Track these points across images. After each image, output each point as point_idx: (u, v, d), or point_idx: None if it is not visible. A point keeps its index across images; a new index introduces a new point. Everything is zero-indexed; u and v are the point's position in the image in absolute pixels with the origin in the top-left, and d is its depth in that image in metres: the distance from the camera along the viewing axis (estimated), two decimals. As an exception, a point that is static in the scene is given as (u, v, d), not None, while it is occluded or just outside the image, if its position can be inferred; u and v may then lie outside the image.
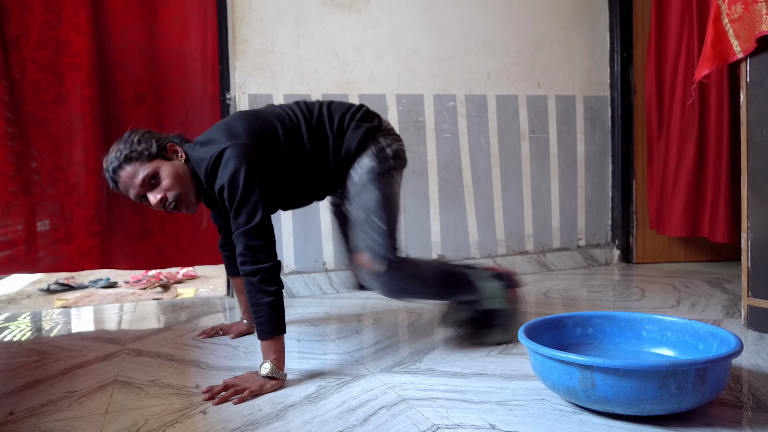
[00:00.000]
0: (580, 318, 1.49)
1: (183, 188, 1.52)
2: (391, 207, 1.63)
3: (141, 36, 2.67)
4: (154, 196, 1.48)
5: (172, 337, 1.97)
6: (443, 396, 1.34)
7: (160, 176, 1.49)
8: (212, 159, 1.48)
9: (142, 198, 1.52)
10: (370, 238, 1.58)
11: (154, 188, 1.49)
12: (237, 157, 1.45)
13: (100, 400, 1.38)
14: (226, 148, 1.47)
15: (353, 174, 1.66)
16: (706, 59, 1.81)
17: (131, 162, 1.49)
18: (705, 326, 1.33)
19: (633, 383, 1.09)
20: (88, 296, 3.11)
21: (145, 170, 1.48)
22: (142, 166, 1.49)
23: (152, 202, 1.49)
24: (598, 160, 3.30)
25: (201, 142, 1.59)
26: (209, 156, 1.49)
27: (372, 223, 1.59)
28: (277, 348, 1.45)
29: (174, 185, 1.49)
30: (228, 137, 1.50)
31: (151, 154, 1.50)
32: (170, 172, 1.50)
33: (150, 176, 1.48)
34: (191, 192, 1.54)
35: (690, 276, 2.83)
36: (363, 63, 2.78)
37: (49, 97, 2.50)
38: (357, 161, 1.66)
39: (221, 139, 1.51)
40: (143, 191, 1.50)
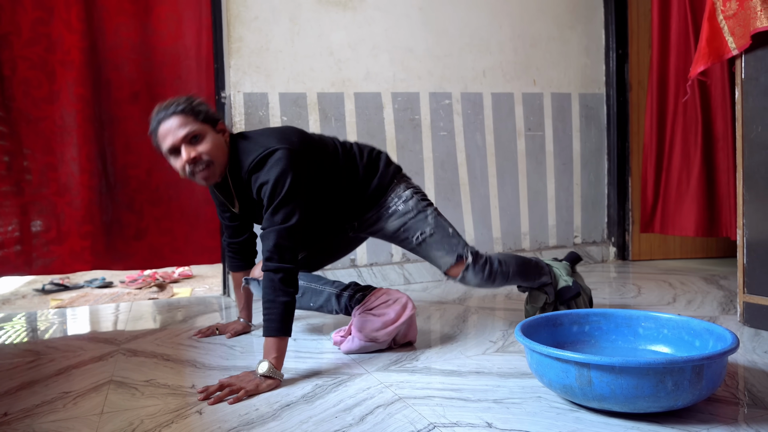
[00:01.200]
0: (576, 315, 1.49)
1: (217, 159, 1.56)
2: (444, 219, 1.81)
3: (135, 34, 2.65)
4: (189, 152, 1.52)
5: (167, 337, 1.96)
6: (440, 394, 1.34)
7: (203, 138, 1.54)
8: (262, 154, 1.53)
9: (172, 151, 1.54)
10: (446, 245, 1.75)
11: (191, 145, 1.53)
12: (288, 160, 1.52)
13: (95, 400, 1.38)
14: (279, 149, 1.53)
15: (395, 204, 1.78)
16: (701, 56, 1.81)
17: (184, 115, 1.54)
18: (701, 323, 1.33)
19: (630, 380, 1.08)
20: (84, 296, 3.10)
21: (192, 126, 1.53)
22: (191, 123, 1.53)
23: (184, 156, 1.52)
24: (594, 157, 3.30)
25: (249, 136, 1.65)
26: (260, 150, 1.54)
27: (439, 232, 1.76)
28: (279, 348, 1.46)
29: (211, 152, 1.54)
30: (282, 141, 1.56)
31: (205, 118, 1.56)
32: (213, 140, 1.56)
33: (194, 134, 1.53)
34: (222, 167, 1.59)
35: (686, 273, 2.83)
36: (358, 61, 2.77)
37: (40, 95, 2.48)
38: (394, 193, 1.78)
39: (275, 140, 1.57)
40: (180, 143, 1.53)
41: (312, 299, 1.76)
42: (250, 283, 1.85)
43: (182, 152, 1.53)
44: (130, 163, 2.69)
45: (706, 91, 2.70)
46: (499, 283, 1.80)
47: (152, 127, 1.57)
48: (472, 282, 1.77)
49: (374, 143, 2.80)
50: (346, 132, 2.74)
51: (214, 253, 2.82)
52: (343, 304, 1.74)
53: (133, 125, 2.67)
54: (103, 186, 2.64)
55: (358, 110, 2.77)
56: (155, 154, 2.70)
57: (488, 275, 1.76)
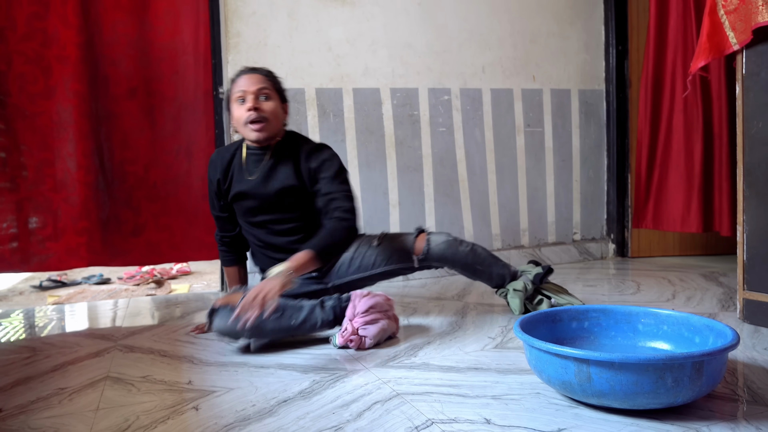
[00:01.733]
0: (575, 311, 1.48)
1: (273, 122, 1.79)
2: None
3: (132, 30, 2.63)
4: (255, 103, 1.75)
5: (164, 333, 1.95)
6: (438, 390, 1.33)
7: (269, 100, 1.78)
8: (318, 144, 1.87)
9: (240, 98, 1.76)
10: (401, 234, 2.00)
11: (259, 102, 1.76)
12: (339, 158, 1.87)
13: (90, 396, 1.37)
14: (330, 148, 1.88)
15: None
16: (701, 51, 1.80)
17: (266, 77, 1.80)
18: (701, 319, 1.33)
19: (629, 377, 1.08)
20: (81, 293, 3.09)
21: (269, 90, 1.78)
22: (269, 88, 1.79)
23: (251, 102, 1.74)
24: (594, 154, 3.29)
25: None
26: (315, 143, 1.88)
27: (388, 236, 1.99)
28: (301, 259, 1.59)
29: (272, 113, 1.78)
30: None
31: (279, 90, 1.83)
32: (277, 107, 1.80)
33: (266, 93, 1.77)
34: (273, 132, 1.81)
35: (685, 270, 2.82)
36: (357, 56, 2.76)
37: (36, 90, 2.47)
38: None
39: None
40: (252, 92, 1.75)
41: (293, 316, 1.70)
42: (219, 313, 1.71)
43: (249, 100, 1.74)
44: (128, 159, 2.67)
45: (703, 87, 2.69)
46: (466, 247, 1.93)
47: (232, 77, 1.81)
48: (440, 242, 1.90)
49: (373, 139, 2.79)
50: (345, 128, 2.73)
51: (212, 250, 2.80)
52: (329, 309, 1.74)
53: (130, 121, 2.66)
54: (100, 182, 2.63)
55: (357, 106, 2.76)
56: (153, 150, 2.72)
57: (453, 237, 1.94)
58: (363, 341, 1.67)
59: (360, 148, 2.77)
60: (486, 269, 1.98)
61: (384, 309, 1.75)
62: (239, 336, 1.66)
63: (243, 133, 1.81)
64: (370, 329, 1.67)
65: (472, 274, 1.99)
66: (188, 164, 2.75)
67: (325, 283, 1.92)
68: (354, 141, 2.76)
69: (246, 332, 1.65)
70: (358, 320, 1.69)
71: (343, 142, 2.73)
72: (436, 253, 1.90)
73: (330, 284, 1.92)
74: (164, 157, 2.72)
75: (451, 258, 1.92)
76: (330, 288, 1.92)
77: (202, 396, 1.34)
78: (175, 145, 2.73)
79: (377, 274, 1.92)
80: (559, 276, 2.79)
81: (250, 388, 1.38)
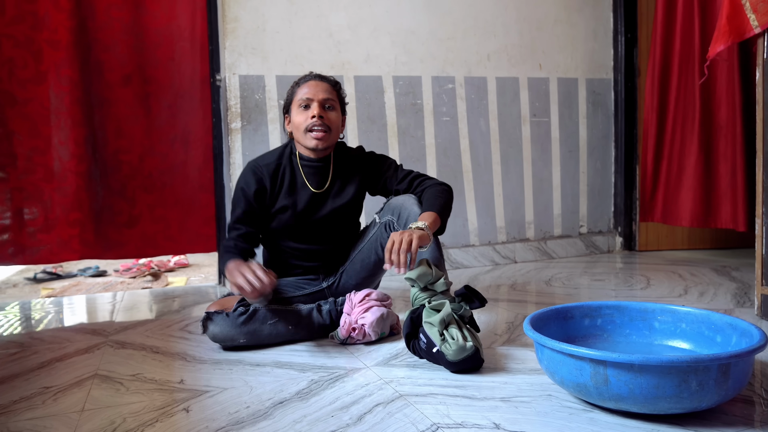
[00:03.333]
0: (588, 308, 1.40)
1: (334, 131, 1.75)
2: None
3: (126, 14, 2.55)
4: (320, 111, 1.69)
5: (158, 329, 1.88)
6: (443, 392, 1.25)
7: (334, 114, 1.75)
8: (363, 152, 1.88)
9: (304, 103, 1.70)
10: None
11: (325, 111, 1.71)
12: None
13: (76, 396, 1.29)
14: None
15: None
16: (721, 34, 1.71)
17: (333, 88, 1.77)
18: (723, 317, 1.25)
19: (650, 380, 1.00)
20: (76, 285, 3.02)
21: (334, 99, 1.75)
22: (335, 96, 1.76)
23: (316, 111, 1.68)
24: (601, 144, 3.21)
25: None
26: (359, 150, 1.88)
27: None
28: (433, 221, 1.56)
29: (334, 123, 1.74)
30: None
31: (341, 103, 1.80)
32: (339, 118, 1.78)
33: (331, 104, 1.74)
34: (332, 141, 1.76)
35: (695, 264, 2.75)
36: (358, 43, 2.67)
37: (26, 76, 2.39)
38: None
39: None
40: (319, 100, 1.70)
41: (289, 320, 1.64)
42: (215, 318, 1.61)
43: (314, 108, 1.69)
44: (122, 148, 2.59)
45: (714, 75, 2.58)
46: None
47: (297, 81, 1.77)
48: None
49: (375, 128, 2.71)
50: (346, 117, 2.64)
51: (210, 241, 2.73)
52: (326, 313, 1.69)
53: (124, 108, 2.58)
54: (94, 172, 2.55)
55: (358, 94, 2.68)
56: (147, 139, 2.64)
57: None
58: (363, 330, 1.60)
59: (361, 138, 2.68)
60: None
61: (381, 299, 1.68)
62: (235, 341, 1.59)
63: (300, 139, 1.73)
64: (368, 316, 1.61)
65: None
66: (184, 154, 2.68)
67: (321, 286, 1.85)
68: (355, 130, 2.68)
69: (242, 340, 1.59)
70: (356, 310, 1.63)
71: (345, 132, 2.65)
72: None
73: (326, 285, 1.85)
74: (160, 147, 2.64)
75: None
76: (325, 289, 1.85)
77: (194, 396, 1.27)
78: (171, 134, 2.65)
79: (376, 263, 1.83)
80: (565, 270, 2.71)
81: (245, 387, 1.31)
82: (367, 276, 1.82)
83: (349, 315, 1.65)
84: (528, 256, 2.99)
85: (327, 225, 1.80)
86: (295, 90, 1.75)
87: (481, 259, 2.89)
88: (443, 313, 1.39)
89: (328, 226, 1.80)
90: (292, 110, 1.75)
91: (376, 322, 1.62)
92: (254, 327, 1.60)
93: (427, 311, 1.44)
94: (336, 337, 1.64)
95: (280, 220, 1.77)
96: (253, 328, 1.60)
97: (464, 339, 1.36)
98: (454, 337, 1.36)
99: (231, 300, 1.73)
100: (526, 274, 2.64)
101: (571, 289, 2.31)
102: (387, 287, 2.39)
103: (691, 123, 2.67)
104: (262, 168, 1.75)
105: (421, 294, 1.49)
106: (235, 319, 1.60)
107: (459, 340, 1.35)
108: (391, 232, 1.69)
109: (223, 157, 2.56)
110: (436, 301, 1.45)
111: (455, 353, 1.33)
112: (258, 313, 1.62)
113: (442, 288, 1.49)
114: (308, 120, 1.69)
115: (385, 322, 1.66)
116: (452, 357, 1.34)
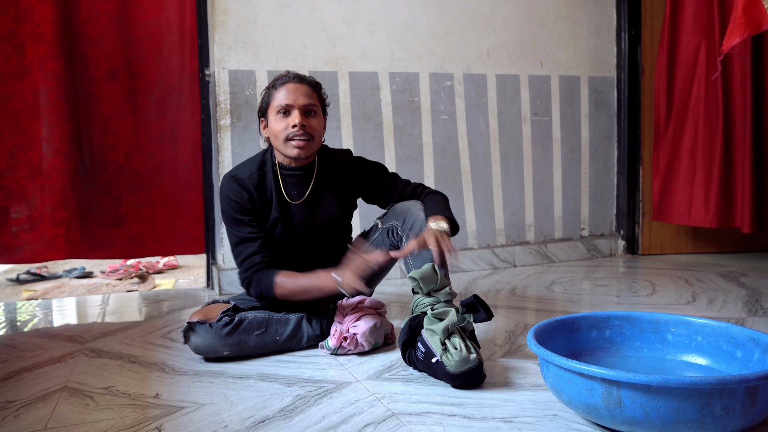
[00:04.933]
0: (596, 319, 1.31)
1: (317, 139, 1.62)
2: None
3: (113, 6, 2.46)
4: (301, 119, 1.56)
5: (139, 335, 1.78)
6: (439, 410, 1.15)
7: (316, 117, 1.61)
8: (350, 157, 1.75)
9: (283, 109, 1.57)
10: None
11: (305, 116, 1.58)
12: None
13: (41, 412, 1.19)
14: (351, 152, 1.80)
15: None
16: (736, 27, 1.62)
17: (313, 90, 1.62)
18: (743, 330, 1.15)
19: (669, 403, 0.90)
20: (59, 287, 2.92)
21: (315, 103, 1.61)
22: (316, 100, 1.62)
23: (296, 119, 1.55)
24: (604, 145, 3.11)
25: None
26: (345, 155, 1.75)
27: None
28: (447, 223, 1.48)
29: (316, 130, 1.61)
30: None
31: (323, 105, 1.67)
32: (321, 123, 1.64)
33: (313, 109, 1.60)
34: (315, 149, 1.64)
35: (701, 269, 2.65)
36: (354, 38, 2.57)
37: (8, 70, 2.29)
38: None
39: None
40: (299, 105, 1.57)
41: (278, 331, 1.55)
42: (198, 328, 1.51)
43: (294, 115, 1.56)
44: (108, 145, 2.50)
45: (725, 71, 2.48)
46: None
47: (273, 82, 1.62)
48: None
49: (370, 127, 2.61)
50: (340, 114, 2.55)
51: (198, 243, 2.63)
52: (316, 323, 1.60)
53: (110, 105, 2.48)
54: (79, 169, 2.46)
55: (353, 91, 2.58)
56: (134, 136, 2.54)
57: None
58: (355, 339, 1.50)
59: (356, 137, 2.59)
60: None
61: (375, 307, 1.59)
62: (219, 353, 1.49)
63: (280, 148, 1.59)
64: (361, 325, 1.52)
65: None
66: (173, 151, 2.58)
67: None
68: (350, 128, 2.58)
69: (226, 352, 1.50)
70: (348, 318, 1.53)
71: (339, 130, 2.55)
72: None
73: None
74: (147, 144, 2.54)
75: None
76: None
77: (168, 413, 1.17)
78: (158, 131, 2.56)
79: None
80: (566, 274, 2.62)
81: (225, 404, 1.21)
82: (364, 283, 1.72)
83: (341, 323, 1.55)
84: (528, 259, 2.90)
85: (314, 237, 1.67)
86: (272, 93, 1.60)
87: (480, 263, 2.79)
88: (448, 321, 1.30)
89: (315, 237, 1.67)
90: (269, 115, 1.60)
91: (369, 331, 1.52)
92: (240, 338, 1.50)
93: (428, 319, 1.35)
94: (326, 347, 1.54)
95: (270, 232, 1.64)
96: (239, 340, 1.50)
97: (468, 350, 1.26)
98: (457, 347, 1.26)
99: (216, 308, 1.61)
100: (526, 279, 2.54)
101: (573, 294, 2.22)
102: (381, 292, 2.29)
103: (707, 120, 2.58)
104: (245, 180, 1.60)
105: (424, 300, 1.40)
106: (219, 330, 1.50)
107: (462, 351, 1.25)
108: (392, 238, 1.61)
109: (212, 155, 2.45)
110: (439, 309, 1.36)
111: (457, 364, 1.23)
112: (244, 323, 1.52)
113: (447, 297, 1.39)
114: (288, 129, 1.55)
115: (378, 331, 1.56)
116: (453, 368, 1.24)
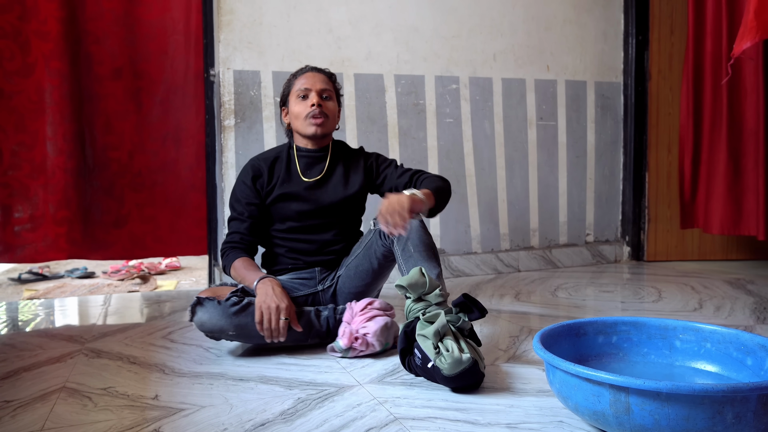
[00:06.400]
0: (602, 324, 1.28)
1: (332, 119, 1.76)
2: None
3: (118, 4, 2.45)
4: (318, 99, 1.70)
5: (139, 336, 1.76)
6: (443, 415, 1.13)
7: (332, 103, 1.76)
8: (362, 150, 1.86)
9: (302, 93, 1.71)
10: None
11: (323, 100, 1.73)
12: None
13: (38, 412, 1.17)
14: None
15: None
16: (747, 30, 1.60)
17: (330, 80, 1.77)
18: (754, 337, 1.13)
19: (679, 410, 0.88)
20: (60, 287, 2.90)
21: (331, 90, 1.76)
22: (332, 87, 1.77)
23: (315, 98, 1.70)
24: (610, 150, 3.09)
25: None
26: (359, 148, 1.87)
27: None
28: (428, 195, 1.53)
29: (332, 112, 1.76)
30: None
31: (338, 95, 1.80)
32: (336, 107, 1.78)
33: (329, 94, 1.75)
34: (330, 129, 1.77)
35: (707, 276, 2.63)
36: (359, 39, 2.56)
37: (13, 68, 2.28)
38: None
39: None
40: (317, 89, 1.71)
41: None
42: (206, 303, 1.51)
43: (312, 97, 1.70)
44: (111, 144, 2.49)
45: (735, 77, 2.46)
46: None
47: (294, 74, 1.78)
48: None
49: (375, 129, 2.60)
50: (345, 116, 2.53)
51: (201, 244, 2.62)
52: (324, 320, 1.59)
53: (114, 103, 2.48)
54: (82, 168, 2.45)
55: (358, 93, 2.56)
56: (138, 135, 2.53)
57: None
58: (366, 340, 1.49)
59: (361, 139, 2.57)
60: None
61: (384, 308, 1.57)
62: (223, 333, 1.48)
63: (299, 128, 1.73)
64: (371, 326, 1.50)
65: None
66: (176, 152, 2.57)
67: (316, 289, 1.73)
68: (354, 131, 2.57)
69: (231, 332, 1.49)
70: (357, 319, 1.52)
71: (343, 132, 2.54)
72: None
73: (321, 289, 1.73)
74: (150, 144, 2.53)
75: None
76: (320, 293, 1.73)
77: (167, 415, 1.15)
78: (162, 131, 2.55)
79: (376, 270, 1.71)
80: (571, 280, 2.60)
81: (225, 406, 1.19)
82: (361, 284, 1.70)
83: (350, 324, 1.53)
84: (532, 264, 2.87)
85: (325, 215, 1.74)
86: (292, 82, 1.77)
87: (483, 267, 2.77)
88: (438, 324, 1.28)
89: (326, 216, 1.74)
90: (290, 101, 1.75)
91: (380, 331, 1.50)
92: (246, 320, 1.49)
93: (421, 323, 1.33)
94: (337, 348, 1.52)
95: (277, 210, 1.73)
96: (245, 322, 1.49)
97: (460, 350, 1.24)
98: (449, 349, 1.24)
99: (225, 289, 1.63)
100: (530, 284, 2.52)
101: (578, 300, 2.19)
102: (385, 296, 2.27)
103: (719, 126, 2.56)
104: (259, 161, 1.77)
105: (415, 305, 1.38)
106: (227, 308, 1.49)
107: (454, 352, 1.23)
108: (384, 239, 1.61)
109: (215, 155, 2.44)
110: (430, 313, 1.34)
111: (450, 367, 1.21)
112: (251, 307, 1.51)
113: (437, 299, 1.37)
114: (307, 108, 1.70)
115: (389, 331, 1.54)
116: (448, 371, 1.22)
